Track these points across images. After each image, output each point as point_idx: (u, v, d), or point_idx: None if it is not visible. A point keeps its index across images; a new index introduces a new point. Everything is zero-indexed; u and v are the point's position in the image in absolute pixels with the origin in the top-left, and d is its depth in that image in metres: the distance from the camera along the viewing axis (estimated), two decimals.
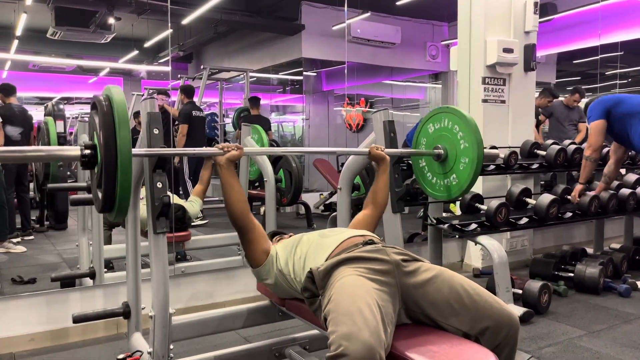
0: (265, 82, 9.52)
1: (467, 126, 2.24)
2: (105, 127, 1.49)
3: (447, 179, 2.36)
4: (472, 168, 2.23)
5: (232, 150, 1.85)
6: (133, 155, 1.54)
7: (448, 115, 2.35)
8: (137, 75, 7.46)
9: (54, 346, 2.74)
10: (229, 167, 1.85)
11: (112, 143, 1.47)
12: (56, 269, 3.86)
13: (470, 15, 3.97)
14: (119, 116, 1.50)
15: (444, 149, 2.35)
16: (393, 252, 1.66)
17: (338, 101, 9.40)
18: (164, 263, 1.85)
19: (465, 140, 2.25)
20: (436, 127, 2.41)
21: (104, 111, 1.51)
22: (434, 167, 2.42)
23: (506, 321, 1.53)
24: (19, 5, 5.47)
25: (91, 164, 1.55)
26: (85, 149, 1.53)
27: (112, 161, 1.47)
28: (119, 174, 1.48)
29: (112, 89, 1.58)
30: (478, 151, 2.21)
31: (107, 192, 1.49)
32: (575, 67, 9.11)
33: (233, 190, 1.85)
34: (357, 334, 1.33)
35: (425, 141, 2.46)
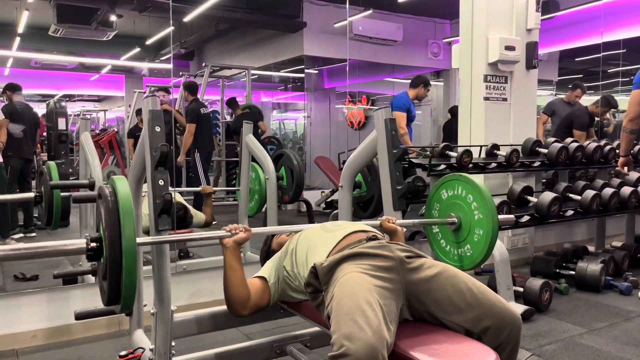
0: (267, 80, 9.51)
1: (481, 197, 2.14)
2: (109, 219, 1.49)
3: (461, 248, 2.26)
4: (487, 241, 2.13)
5: (239, 233, 1.81)
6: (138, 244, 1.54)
7: (461, 183, 2.26)
8: (138, 73, 7.46)
9: (56, 343, 2.75)
10: (235, 249, 1.80)
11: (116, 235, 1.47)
12: (58, 266, 3.86)
13: (472, 12, 3.96)
14: (124, 208, 1.50)
15: (457, 218, 2.26)
16: (397, 249, 1.66)
17: (340, 99, 9.39)
18: (165, 260, 1.85)
19: (480, 211, 2.17)
20: (449, 194, 2.31)
21: (109, 202, 1.52)
22: (448, 235, 2.33)
23: (509, 320, 1.54)
24: (21, 2, 5.47)
25: (97, 257, 1.55)
26: (91, 242, 1.54)
27: (117, 253, 1.47)
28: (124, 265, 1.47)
29: (117, 180, 1.58)
30: (493, 224, 2.10)
31: (112, 284, 1.49)
32: (578, 64, 9.08)
33: (235, 274, 1.79)
34: (359, 334, 1.33)
35: (439, 207, 2.38)
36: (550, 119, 5.67)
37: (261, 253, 2.25)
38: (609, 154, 3.99)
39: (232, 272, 1.78)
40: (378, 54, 7.82)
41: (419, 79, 5.01)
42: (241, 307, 1.81)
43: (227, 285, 1.79)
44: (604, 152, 3.96)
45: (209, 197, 3.91)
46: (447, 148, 3.46)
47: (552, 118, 5.63)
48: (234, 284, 1.79)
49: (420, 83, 4.91)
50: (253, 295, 1.83)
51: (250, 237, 1.84)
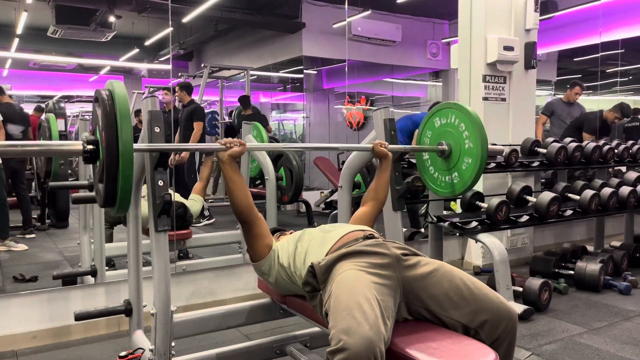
0: (266, 80, 9.51)
1: (473, 126, 2.22)
2: (107, 122, 1.49)
3: (449, 175, 2.35)
4: (475, 169, 2.22)
5: (234, 146, 1.86)
6: (135, 150, 1.55)
7: (455, 112, 2.32)
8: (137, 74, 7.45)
9: (55, 344, 2.75)
10: (231, 163, 1.87)
11: (113, 138, 1.47)
12: (58, 267, 3.86)
13: (471, 12, 3.97)
14: (121, 111, 1.50)
15: (448, 146, 2.33)
16: (393, 246, 1.67)
17: (339, 99, 9.39)
18: (165, 261, 1.85)
19: (471, 140, 2.23)
20: (442, 122, 2.38)
21: (106, 105, 1.52)
22: (437, 163, 2.41)
23: (505, 314, 1.55)
24: (20, 3, 5.47)
25: (93, 159, 1.56)
26: (87, 144, 1.54)
27: (114, 156, 1.47)
28: (121, 169, 1.48)
29: (115, 84, 1.58)
30: (482, 153, 2.19)
31: (108, 186, 1.49)
32: (576, 64, 9.09)
33: (236, 186, 1.87)
34: (357, 329, 1.34)
35: (431, 135, 2.44)
36: (549, 120, 5.67)
37: None
38: (608, 154, 4.00)
39: (233, 184, 1.87)
40: (377, 54, 7.83)
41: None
42: (247, 212, 1.89)
43: (232, 196, 1.88)
44: (603, 152, 3.96)
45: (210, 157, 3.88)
46: None
47: (551, 118, 5.63)
48: (237, 194, 1.87)
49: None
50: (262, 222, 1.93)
51: (245, 150, 1.90)
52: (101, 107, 1.53)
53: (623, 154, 4.15)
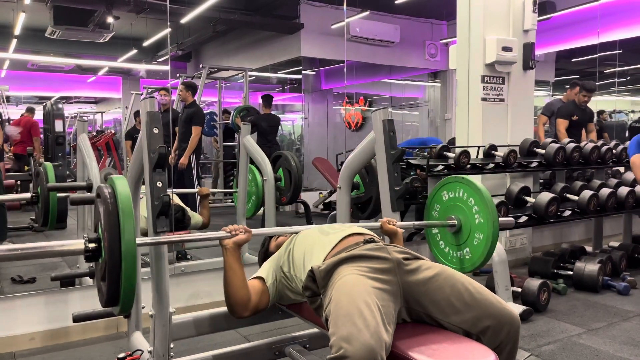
0: (264, 81, 9.51)
1: (483, 201, 2.11)
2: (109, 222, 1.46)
3: (461, 251, 2.25)
4: (487, 246, 2.12)
5: (239, 234, 1.79)
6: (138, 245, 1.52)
7: (462, 186, 2.25)
8: (136, 75, 7.46)
9: (54, 345, 2.74)
10: (235, 251, 1.78)
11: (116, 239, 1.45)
12: (56, 268, 3.85)
13: (469, 13, 3.97)
14: (123, 209, 1.48)
15: (457, 220, 2.24)
16: (394, 251, 1.66)
17: (337, 100, 9.39)
18: (164, 262, 1.85)
19: (481, 215, 2.15)
20: (450, 196, 2.29)
21: (108, 204, 1.49)
22: (447, 237, 2.31)
23: (507, 320, 1.54)
24: (18, 4, 5.46)
25: (95, 258, 1.53)
26: (89, 242, 1.51)
27: (117, 256, 1.45)
28: (123, 270, 1.44)
29: (117, 181, 1.55)
30: (493, 229, 2.08)
31: (111, 287, 1.46)
32: (574, 65, 9.11)
33: (236, 275, 1.77)
34: (357, 336, 1.33)
35: (439, 208, 2.37)
36: (549, 120, 5.66)
37: (259, 255, 2.25)
38: (606, 154, 4.00)
39: (233, 274, 1.76)
40: (375, 55, 7.84)
41: None
42: (242, 308, 1.80)
43: (228, 287, 1.77)
44: (601, 152, 3.97)
45: (206, 199, 3.89)
46: (445, 149, 3.46)
47: (550, 119, 5.62)
48: (235, 285, 1.77)
49: None
50: (253, 297, 1.82)
51: (251, 238, 1.82)
52: (103, 206, 1.51)
53: (621, 155, 4.15)
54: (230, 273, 1.76)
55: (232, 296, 1.77)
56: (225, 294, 1.78)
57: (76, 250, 1.51)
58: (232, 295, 1.77)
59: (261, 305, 1.86)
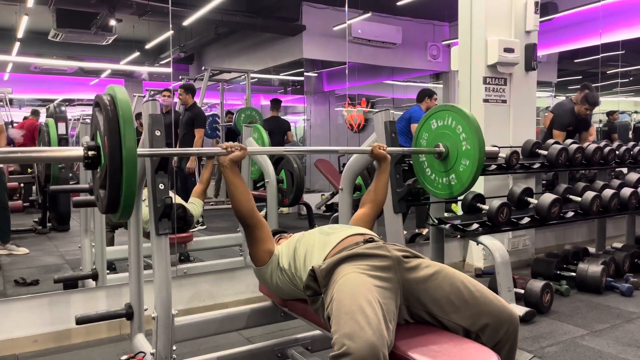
0: (267, 83, 9.53)
1: (471, 128, 2.23)
2: (110, 128, 1.47)
3: (447, 177, 2.35)
4: (472, 171, 2.22)
5: (235, 151, 1.86)
6: (138, 155, 1.54)
7: (452, 114, 2.33)
8: (138, 77, 7.48)
9: (57, 347, 2.74)
10: (232, 167, 1.87)
11: (117, 144, 1.46)
12: (59, 270, 3.86)
13: (471, 15, 3.97)
14: (124, 116, 1.49)
15: (445, 147, 2.33)
16: (394, 249, 1.67)
17: (339, 101, 9.40)
18: (166, 264, 1.85)
19: (468, 142, 2.24)
20: (439, 124, 2.38)
21: (108, 110, 1.49)
22: (434, 164, 2.41)
23: (506, 318, 1.55)
24: (21, 7, 5.49)
25: (94, 165, 1.54)
26: (88, 150, 1.52)
27: (118, 162, 1.46)
28: (125, 175, 1.46)
29: (116, 89, 1.56)
30: (480, 155, 2.19)
31: (111, 193, 1.47)
32: (577, 66, 9.11)
33: (238, 189, 1.87)
34: (360, 333, 1.34)
35: (427, 137, 2.44)
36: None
37: None
38: (609, 155, 3.99)
39: (234, 188, 1.86)
40: (377, 56, 7.84)
41: (422, 93, 5.14)
42: (249, 216, 1.89)
43: (234, 200, 1.88)
44: (604, 153, 3.96)
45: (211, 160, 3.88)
46: None
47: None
48: (239, 198, 1.87)
49: (425, 96, 5.06)
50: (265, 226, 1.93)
51: (246, 155, 1.90)
52: (103, 113, 1.51)
53: (624, 156, 4.14)
54: (232, 188, 1.87)
55: (239, 207, 1.88)
56: (234, 207, 1.90)
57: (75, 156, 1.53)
58: (239, 206, 1.88)
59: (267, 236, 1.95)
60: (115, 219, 1.63)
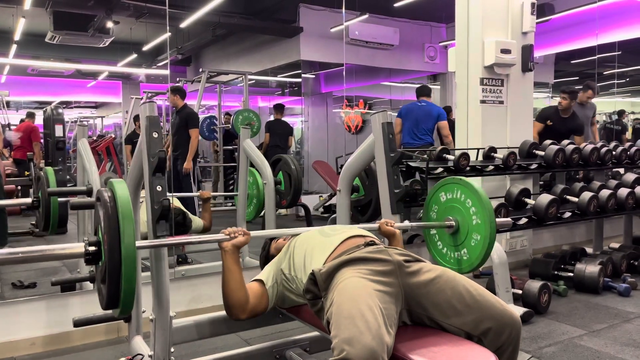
0: (264, 85, 9.53)
1: (480, 202, 2.13)
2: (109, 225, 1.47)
3: (458, 252, 2.26)
4: (484, 247, 2.14)
5: (238, 236, 1.80)
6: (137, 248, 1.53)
7: (460, 187, 2.26)
8: (135, 79, 7.47)
9: (54, 350, 2.74)
10: (234, 252, 1.80)
11: (116, 242, 1.46)
12: (56, 273, 3.86)
13: (468, 16, 3.98)
14: (123, 212, 1.49)
15: (455, 221, 2.26)
16: (395, 253, 1.66)
17: (337, 103, 9.40)
18: (164, 266, 1.85)
19: (478, 216, 2.17)
20: (448, 197, 2.30)
21: (108, 208, 1.50)
22: (445, 238, 2.33)
23: (508, 322, 1.54)
24: (18, 9, 5.48)
25: (95, 261, 1.54)
26: (90, 245, 1.52)
27: (117, 259, 1.46)
28: (123, 272, 1.45)
29: (116, 184, 1.56)
30: (490, 230, 2.09)
31: (111, 289, 1.47)
32: (573, 67, 9.14)
33: (234, 278, 1.79)
34: (359, 338, 1.33)
35: (437, 209, 2.37)
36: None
37: (260, 258, 2.25)
38: (606, 156, 4.00)
39: (231, 276, 1.78)
40: (375, 58, 7.85)
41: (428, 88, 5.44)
42: (240, 310, 1.81)
43: (226, 289, 1.79)
44: (601, 154, 3.97)
45: (207, 202, 3.90)
46: (444, 151, 3.46)
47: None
48: (232, 287, 1.78)
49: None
50: (251, 299, 1.83)
51: (249, 240, 1.83)
52: (103, 209, 1.52)
53: (621, 156, 4.16)
54: (228, 275, 1.78)
55: (229, 298, 1.79)
56: (223, 295, 1.80)
57: (77, 253, 1.53)
58: (229, 297, 1.79)
59: (259, 308, 1.86)
60: (116, 314, 1.61)
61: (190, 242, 2.02)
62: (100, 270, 1.56)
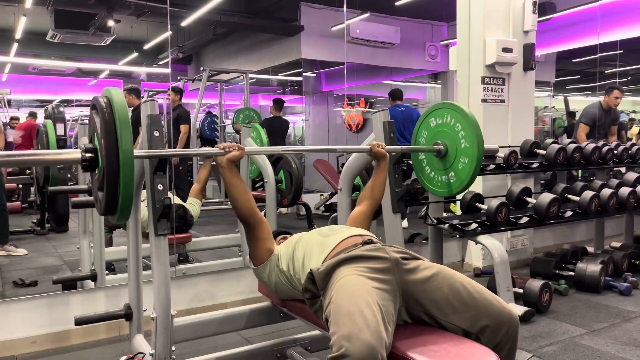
0: (265, 83, 9.53)
1: (469, 125, 2.23)
2: (106, 130, 1.48)
3: (446, 175, 2.35)
4: (472, 168, 2.23)
5: (233, 150, 1.86)
6: (135, 157, 1.54)
7: (450, 111, 2.33)
8: (136, 78, 7.47)
9: (55, 349, 2.74)
10: (230, 167, 1.87)
11: (114, 146, 1.46)
12: (57, 271, 3.86)
13: (469, 15, 3.97)
14: (120, 118, 1.50)
15: (444, 145, 2.33)
16: (392, 251, 1.67)
17: (338, 102, 9.40)
18: (165, 265, 1.85)
19: (467, 140, 2.24)
20: (438, 122, 2.39)
21: (105, 113, 1.50)
22: (433, 162, 2.41)
23: (506, 319, 1.54)
24: (19, 8, 5.48)
25: (92, 167, 1.54)
26: (86, 152, 1.53)
27: (115, 164, 1.46)
28: (122, 176, 1.47)
29: (112, 91, 1.57)
30: (478, 153, 2.20)
31: (109, 194, 1.48)
32: (575, 65, 9.11)
33: (237, 189, 1.88)
34: (358, 335, 1.33)
35: (426, 135, 2.45)
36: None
37: None
38: (607, 155, 4.00)
39: (234, 188, 1.87)
40: (376, 56, 7.84)
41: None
42: (250, 215, 1.89)
43: (233, 200, 1.89)
44: (602, 152, 3.96)
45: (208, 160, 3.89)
46: None
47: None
48: (237, 198, 1.88)
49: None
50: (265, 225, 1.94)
51: (244, 154, 1.91)
52: (99, 115, 1.52)
53: (622, 155, 4.15)
54: (231, 188, 1.88)
55: (239, 206, 1.89)
56: (233, 206, 1.91)
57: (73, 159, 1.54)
58: (238, 206, 1.89)
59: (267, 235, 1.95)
60: (113, 220, 1.64)
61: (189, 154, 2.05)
62: (97, 178, 1.57)
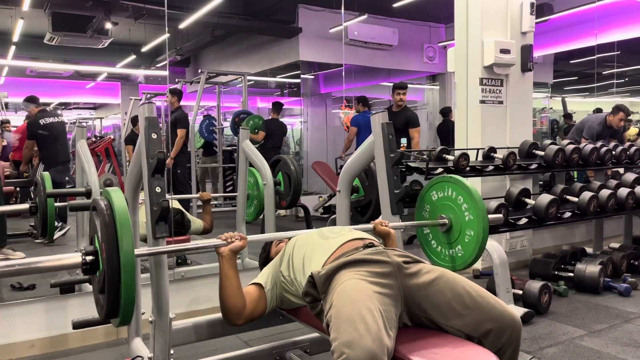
0: (263, 85, 9.53)
1: (471, 198, 2.15)
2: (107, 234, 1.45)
3: (452, 249, 2.27)
4: (478, 242, 2.15)
5: (235, 241, 1.79)
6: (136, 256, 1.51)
7: (451, 185, 2.28)
8: (134, 80, 7.46)
9: (54, 352, 2.73)
10: (231, 258, 1.78)
11: (114, 249, 1.43)
12: (55, 274, 3.84)
13: (467, 16, 3.97)
14: (120, 220, 1.46)
15: (448, 219, 2.27)
16: (394, 254, 1.65)
17: (336, 103, 9.41)
18: (163, 267, 1.84)
19: (470, 212, 2.19)
20: (439, 196, 2.33)
21: (105, 215, 1.48)
22: (439, 236, 2.34)
23: (509, 323, 1.53)
24: (16, 11, 5.47)
25: (92, 270, 1.51)
26: (86, 255, 1.49)
27: (115, 268, 1.43)
28: (123, 281, 1.42)
29: (112, 193, 1.54)
30: (483, 225, 2.11)
31: (110, 299, 1.44)
32: (573, 67, 9.14)
33: (231, 283, 1.77)
34: (359, 341, 1.32)
35: (429, 209, 2.39)
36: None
37: (260, 259, 2.25)
38: (605, 156, 4.00)
39: (228, 281, 1.76)
40: (374, 58, 7.85)
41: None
42: (236, 316, 1.80)
43: (223, 294, 1.77)
44: (601, 153, 3.96)
45: (208, 204, 3.88)
46: (444, 152, 3.46)
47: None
48: (229, 293, 1.77)
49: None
50: (248, 304, 1.82)
51: (246, 245, 1.82)
52: (100, 218, 1.49)
53: (621, 156, 4.15)
54: (225, 281, 1.76)
55: (226, 304, 1.77)
56: (220, 301, 1.78)
57: (73, 264, 1.49)
58: (226, 303, 1.77)
59: (256, 312, 1.85)
60: (115, 324, 1.58)
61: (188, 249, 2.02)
62: (98, 280, 1.53)
